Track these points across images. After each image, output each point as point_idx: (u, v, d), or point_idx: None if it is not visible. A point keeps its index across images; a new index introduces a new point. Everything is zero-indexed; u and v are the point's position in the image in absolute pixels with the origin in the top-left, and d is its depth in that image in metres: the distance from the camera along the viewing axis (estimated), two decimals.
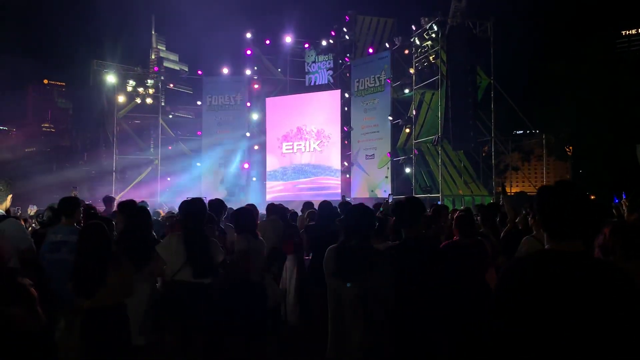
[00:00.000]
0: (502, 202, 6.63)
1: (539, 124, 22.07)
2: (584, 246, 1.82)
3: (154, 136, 20.84)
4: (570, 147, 29.71)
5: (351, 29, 19.98)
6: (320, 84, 20.75)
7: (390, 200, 7.67)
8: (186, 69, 30.05)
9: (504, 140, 17.39)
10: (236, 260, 4.57)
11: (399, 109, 18.06)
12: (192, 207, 4.28)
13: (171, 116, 21.99)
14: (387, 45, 18.51)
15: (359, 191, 18.55)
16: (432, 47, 16.53)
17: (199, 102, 21.52)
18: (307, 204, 8.00)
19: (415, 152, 16.98)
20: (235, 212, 5.26)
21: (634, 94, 23.79)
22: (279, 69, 22.18)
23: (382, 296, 3.08)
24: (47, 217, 5.66)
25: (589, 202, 1.83)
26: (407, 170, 17.70)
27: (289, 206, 9.19)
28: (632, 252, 2.95)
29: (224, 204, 6.06)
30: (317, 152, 19.83)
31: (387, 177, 17.68)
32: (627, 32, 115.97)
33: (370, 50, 19.43)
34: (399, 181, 18.10)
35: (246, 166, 20.71)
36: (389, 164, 17.67)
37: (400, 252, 3.33)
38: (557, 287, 1.72)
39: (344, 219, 3.50)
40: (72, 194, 5.93)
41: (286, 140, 20.45)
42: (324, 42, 20.54)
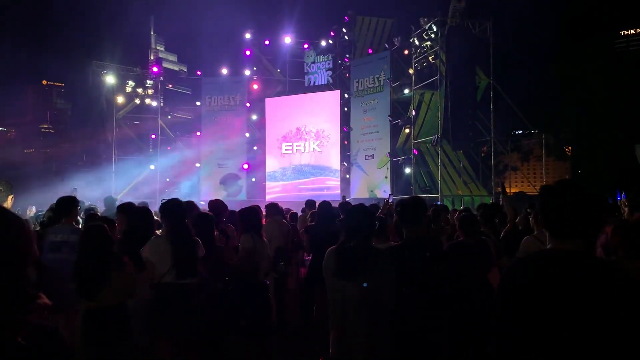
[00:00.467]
0: (501, 202, 6.63)
1: (538, 124, 22.08)
2: (586, 245, 1.82)
3: (153, 137, 20.82)
4: (569, 147, 29.73)
5: (350, 29, 19.97)
6: (319, 84, 20.74)
7: (391, 200, 7.65)
8: (185, 70, 29.94)
9: (503, 140, 17.40)
10: (242, 259, 4.56)
11: (399, 109, 18.07)
12: (172, 207, 4.24)
13: (170, 117, 21.98)
14: (386, 45, 18.50)
15: (359, 191, 18.55)
16: (431, 47, 16.55)
17: (198, 103, 21.50)
18: (310, 202, 7.97)
19: (414, 152, 16.98)
20: (240, 212, 5.25)
21: (633, 94, 23.82)
22: (279, 70, 22.16)
23: (383, 296, 3.08)
24: (48, 217, 5.66)
25: (590, 201, 1.83)
26: (406, 170, 17.70)
27: (289, 206, 9.17)
28: (635, 251, 2.96)
29: (225, 205, 6.04)
30: (317, 152, 19.83)
31: (386, 177, 17.67)
32: (626, 32, 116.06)
33: (369, 50, 19.43)
34: (398, 181, 18.11)
35: (245, 167, 20.70)
36: (389, 164, 17.67)
37: (401, 252, 3.34)
38: (556, 287, 1.72)
39: (345, 219, 3.51)
40: (72, 195, 5.91)
41: (286, 140, 20.44)
42: (323, 43, 20.54)
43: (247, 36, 21.35)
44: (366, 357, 3.04)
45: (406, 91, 17.69)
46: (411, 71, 17.22)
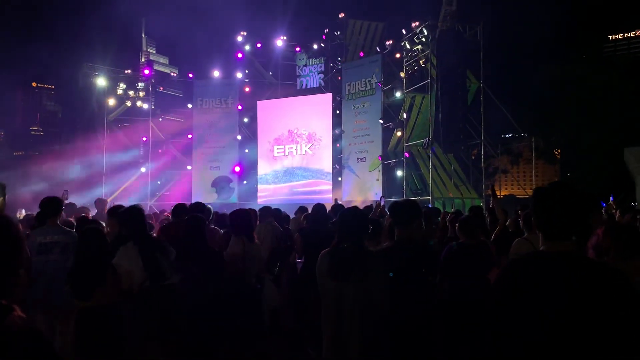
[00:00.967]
0: (492, 204, 6.67)
1: (528, 127, 22.27)
2: (578, 247, 1.84)
3: (144, 139, 20.70)
4: (558, 150, 30.01)
5: (342, 31, 20.02)
6: (311, 87, 20.75)
7: (382, 203, 7.67)
8: (177, 72, 29.80)
9: (493, 143, 17.52)
10: (228, 264, 4.54)
11: (390, 112, 18.14)
12: (134, 215, 4.23)
13: (161, 119, 21.86)
14: (377, 49, 18.57)
15: (351, 194, 18.56)
16: (422, 50, 16.63)
17: (189, 106, 21.40)
18: (301, 209, 7.99)
19: (406, 155, 17.05)
20: (230, 214, 5.23)
21: (622, 97, 24.10)
22: (270, 72, 22.14)
23: (376, 298, 3.08)
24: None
25: (582, 203, 1.84)
26: (398, 173, 17.76)
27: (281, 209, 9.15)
28: (626, 252, 2.99)
29: (205, 206, 5.93)
30: (309, 155, 19.82)
31: (378, 180, 17.72)
32: (614, 36, 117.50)
33: (361, 54, 19.49)
34: (390, 184, 18.16)
35: (237, 169, 20.64)
36: (380, 167, 17.72)
37: (393, 254, 3.35)
38: (548, 288, 1.73)
39: (337, 221, 3.51)
40: (63, 198, 5.86)
41: (277, 143, 20.42)
42: (315, 46, 20.57)
43: (239, 39, 21.32)
44: (360, 359, 3.04)
45: (397, 94, 17.76)
46: (402, 74, 17.29)
